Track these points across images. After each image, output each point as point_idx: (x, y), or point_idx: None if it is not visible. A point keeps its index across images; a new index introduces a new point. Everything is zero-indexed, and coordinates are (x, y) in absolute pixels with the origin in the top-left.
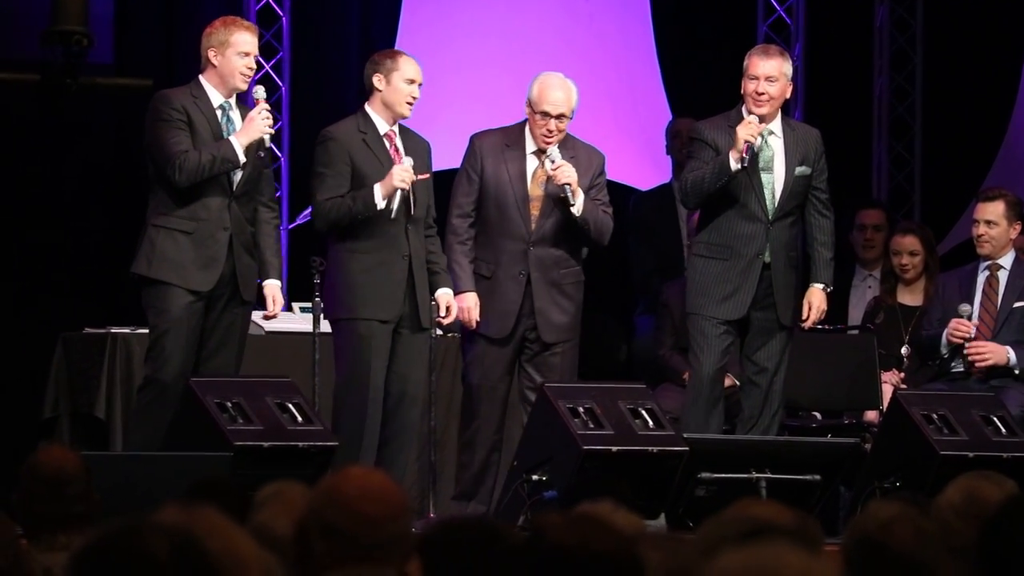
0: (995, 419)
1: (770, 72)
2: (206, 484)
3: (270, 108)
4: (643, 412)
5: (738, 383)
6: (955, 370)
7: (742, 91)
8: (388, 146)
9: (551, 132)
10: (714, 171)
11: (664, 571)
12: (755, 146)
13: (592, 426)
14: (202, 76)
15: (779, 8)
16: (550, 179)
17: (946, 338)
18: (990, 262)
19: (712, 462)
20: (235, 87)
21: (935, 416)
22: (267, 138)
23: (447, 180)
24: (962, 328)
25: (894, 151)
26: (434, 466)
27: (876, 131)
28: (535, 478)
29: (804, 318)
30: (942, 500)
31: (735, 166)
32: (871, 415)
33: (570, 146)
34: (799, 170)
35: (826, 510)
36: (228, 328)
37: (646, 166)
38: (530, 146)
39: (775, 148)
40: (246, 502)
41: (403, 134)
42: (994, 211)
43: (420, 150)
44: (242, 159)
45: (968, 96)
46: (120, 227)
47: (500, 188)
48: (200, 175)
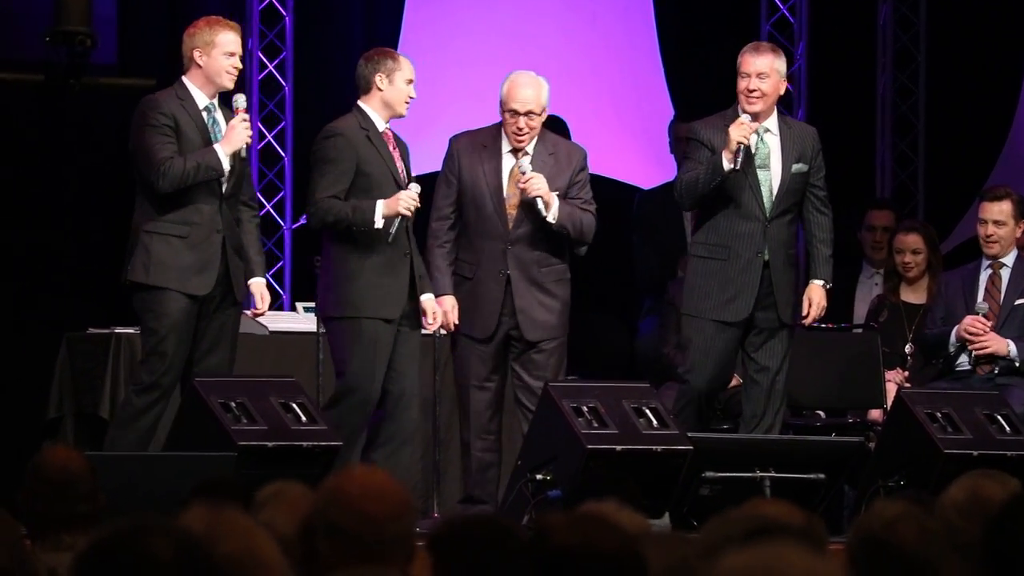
0: (999, 417)
1: (761, 68)
2: (210, 484)
3: (247, 117)
4: (647, 411)
5: (740, 380)
6: (959, 368)
7: (736, 90)
8: (388, 144)
9: (521, 130)
10: (708, 171)
11: (668, 571)
12: (748, 146)
13: (596, 425)
14: (186, 77)
15: (782, 7)
16: (523, 189)
17: (957, 335)
18: (993, 260)
19: (716, 461)
20: (222, 86)
21: (939, 415)
22: (244, 148)
23: None
24: (978, 325)
25: (897, 149)
26: (438, 465)
27: (880, 129)
28: (539, 477)
29: (804, 315)
30: (946, 499)
31: (728, 166)
32: (875, 414)
33: (550, 143)
34: (795, 167)
35: (830, 509)
36: (220, 329)
37: (650, 164)
38: (506, 146)
39: (771, 145)
40: (250, 502)
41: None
42: (1001, 211)
43: (405, 153)
44: (226, 168)
45: (972, 94)
46: (124, 227)
47: (477, 189)
48: (183, 182)
